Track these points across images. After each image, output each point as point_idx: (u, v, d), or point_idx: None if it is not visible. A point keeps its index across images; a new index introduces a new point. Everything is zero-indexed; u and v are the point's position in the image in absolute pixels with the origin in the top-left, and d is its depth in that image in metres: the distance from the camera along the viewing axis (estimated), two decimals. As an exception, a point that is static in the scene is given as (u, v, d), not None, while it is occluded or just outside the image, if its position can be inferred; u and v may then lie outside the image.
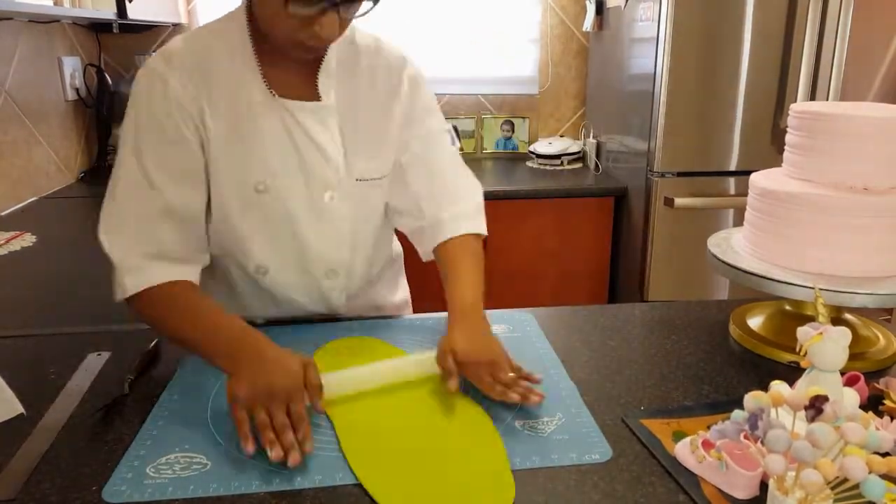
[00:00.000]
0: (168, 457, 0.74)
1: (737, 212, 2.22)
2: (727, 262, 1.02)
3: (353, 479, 0.71)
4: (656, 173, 2.19)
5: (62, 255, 1.54)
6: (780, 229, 0.99)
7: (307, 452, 0.73)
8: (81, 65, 2.42)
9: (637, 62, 2.30)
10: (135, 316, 0.93)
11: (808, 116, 1.00)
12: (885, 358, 0.97)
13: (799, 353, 0.77)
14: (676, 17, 2.05)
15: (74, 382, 0.90)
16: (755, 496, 0.68)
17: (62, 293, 1.29)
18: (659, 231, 2.23)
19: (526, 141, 2.86)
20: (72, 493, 0.69)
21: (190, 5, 2.62)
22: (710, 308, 1.17)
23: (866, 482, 0.57)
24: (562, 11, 2.78)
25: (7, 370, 0.82)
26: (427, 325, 1.10)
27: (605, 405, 0.85)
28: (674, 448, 0.75)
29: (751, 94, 2.14)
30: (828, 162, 0.98)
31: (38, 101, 2.13)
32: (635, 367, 0.96)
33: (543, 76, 2.84)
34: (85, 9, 1.91)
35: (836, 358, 0.76)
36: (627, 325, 1.10)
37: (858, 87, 2.26)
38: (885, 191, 0.96)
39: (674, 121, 2.14)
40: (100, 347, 1.00)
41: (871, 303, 0.90)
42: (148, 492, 0.69)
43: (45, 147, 2.17)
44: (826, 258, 0.96)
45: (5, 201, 1.94)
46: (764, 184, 1.02)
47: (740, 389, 0.85)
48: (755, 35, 2.09)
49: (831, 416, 0.63)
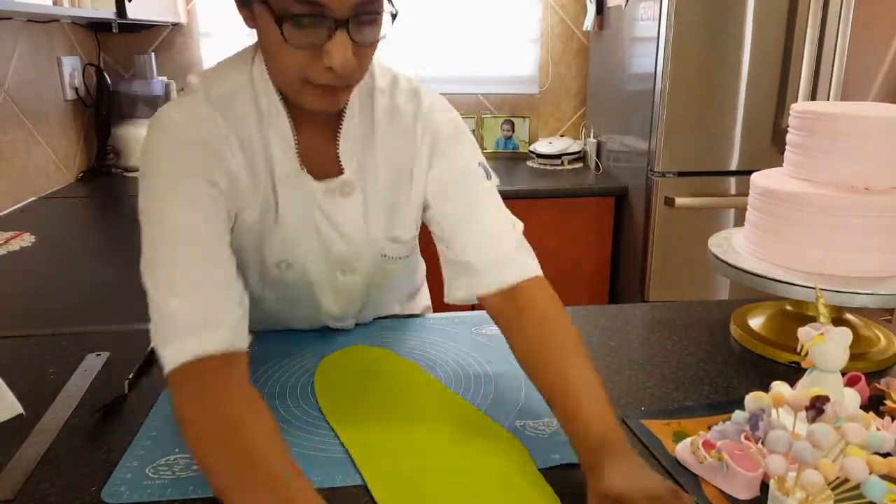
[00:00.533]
0: (168, 458, 0.74)
1: (737, 212, 2.22)
2: (728, 262, 1.02)
3: (353, 480, 0.71)
4: (657, 173, 2.19)
5: (61, 255, 1.54)
6: (780, 229, 0.99)
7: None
8: (81, 64, 2.42)
9: (637, 62, 2.30)
10: (134, 316, 0.92)
11: (809, 116, 1.00)
12: (886, 358, 0.97)
13: (800, 354, 0.77)
14: (677, 17, 2.05)
15: (74, 383, 0.90)
16: (756, 497, 0.67)
17: (62, 293, 1.29)
18: (659, 231, 2.23)
19: (526, 140, 2.86)
20: (71, 494, 0.69)
21: (190, 5, 2.61)
22: (711, 308, 1.17)
23: (867, 483, 0.57)
24: (562, 11, 2.78)
25: (7, 370, 0.83)
26: (437, 326, 1.10)
27: (605, 405, 0.85)
28: (674, 448, 0.75)
29: (751, 94, 2.14)
30: (828, 162, 0.98)
31: (37, 100, 2.13)
32: (636, 367, 0.96)
33: (544, 76, 2.83)
34: (84, 8, 1.91)
35: (837, 358, 0.76)
36: (628, 326, 1.10)
37: (859, 87, 2.25)
38: (885, 191, 0.95)
39: (674, 120, 2.14)
40: (100, 347, 1.00)
41: (871, 303, 0.90)
42: (147, 492, 0.69)
43: (44, 147, 2.16)
44: (827, 258, 0.96)
45: (4, 201, 1.93)
46: (765, 183, 1.02)
47: (741, 390, 0.85)
48: (756, 35, 2.09)
49: (832, 416, 0.63)
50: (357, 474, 0.72)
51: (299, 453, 0.75)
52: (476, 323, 1.09)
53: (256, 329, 0.88)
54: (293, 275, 0.93)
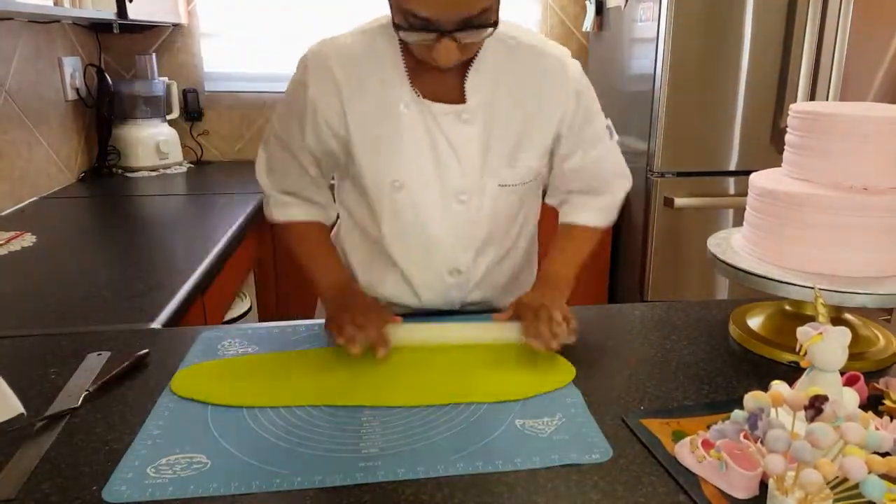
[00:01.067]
0: (169, 457, 0.74)
1: (737, 212, 2.22)
2: (727, 262, 1.02)
3: (353, 480, 0.71)
4: (656, 173, 2.19)
5: (62, 255, 1.55)
6: (779, 229, 0.99)
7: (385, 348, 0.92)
8: (81, 65, 2.42)
9: (637, 62, 2.30)
10: (134, 316, 0.93)
11: (808, 116, 1.00)
12: (885, 358, 0.97)
13: (799, 353, 0.77)
14: (676, 17, 2.05)
15: (74, 383, 0.90)
16: (755, 496, 0.68)
17: (62, 293, 1.29)
18: (659, 231, 2.23)
19: (526, 141, 2.86)
20: (72, 493, 0.69)
21: (190, 5, 2.62)
22: (710, 308, 1.17)
23: (866, 482, 0.57)
24: (562, 11, 2.79)
25: (7, 370, 0.83)
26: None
27: (605, 405, 0.85)
28: (674, 448, 0.75)
29: (751, 94, 2.14)
30: (828, 162, 0.98)
31: (38, 101, 2.13)
32: (635, 367, 0.96)
33: (543, 76, 2.83)
34: (85, 9, 1.91)
35: (835, 358, 0.76)
36: (627, 325, 1.10)
37: (858, 87, 2.26)
38: (885, 191, 0.96)
39: (674, 121, 2.14)
40: (100, 347, 1.00)
41: (870, 303, 0.90)
42: (148, 492, 0.69)
43: (45, 147, 2.17)
44: (826, 258, 0.96)
45: (5, 201, 1.94)
46: (764, 184, 1.02)
47: (740, 389, 0.85)
48: (755, 35, 2.09)
49: (831, 416, 0.63)
50: (357, 474, 0.72)
51: (302, 454, 0.75)
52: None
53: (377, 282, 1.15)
54: (406, 196, 1.03)
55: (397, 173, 1.03)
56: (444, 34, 0.87)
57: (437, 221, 1.05)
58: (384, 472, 0.72)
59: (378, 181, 1.05)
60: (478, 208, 1.06)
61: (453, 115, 1.00)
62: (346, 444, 0.77)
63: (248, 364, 0.96)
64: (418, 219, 1.05)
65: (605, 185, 1.17)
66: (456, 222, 1.06)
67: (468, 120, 1.01)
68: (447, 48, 0.88)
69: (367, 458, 0.74)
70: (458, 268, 1.10)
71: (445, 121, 1.00)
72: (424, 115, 1.00)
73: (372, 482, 0.71)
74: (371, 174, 1.04)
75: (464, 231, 1.07)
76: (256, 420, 0.82)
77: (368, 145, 1.03)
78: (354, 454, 0.75)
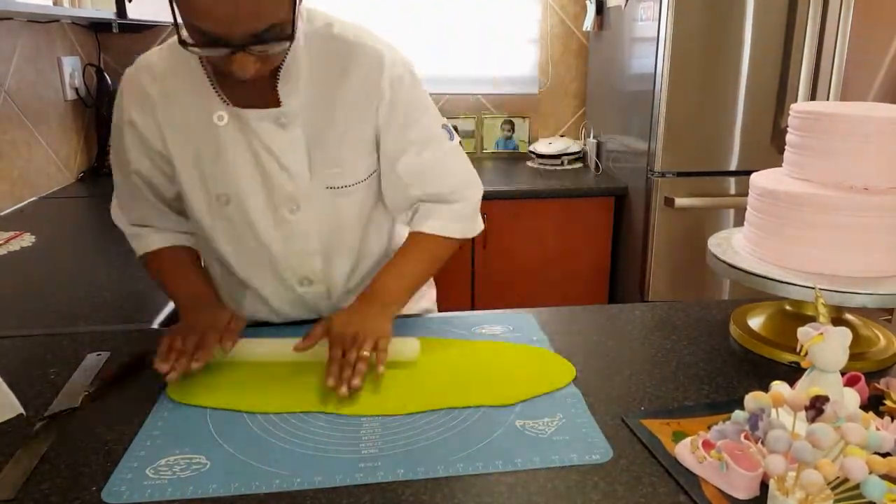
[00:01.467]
0: (168, 458, 0.74)
1: (737, 212, 2.22)
2: (728, 262, 1.02)
3: (352, 480, 0.71)
4: (656, 173, 2.19)
5: (61, 255, 1.54)
6: (780, 229, 0.99)
7: (196, 366, 0.88)
8: (81, 65, 2.42)
9: (637, 62, 2.30)
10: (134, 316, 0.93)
11: (809, 116, 1.00)
12: (886, 358, 0.97)
13: (799, 354, 0.77)
14: (677, 17, 2.05)
15: (74, 382, 0.90)
16: (755, 496, 0.68)
17: (62, 293, 1.29)
18: (659, 231, 2.23)
19: (526, 141, 2.86)
20: (71, 494, 0.69)
21: (190, 5, 2.61)
22: (711, 308, 1.17)
23: (866, 482, 0.57)
24: (562, 11, 2.78)
25: (7, 370, 0.83)
26: (437, 326, 1.10)
27: (605, 405, 0.85)
28: (674, 448, 0.75)
29: (751, 94, 2.14)
30: (828, 162, 0.98)
31: (37, 100, 2.13)
32: (635, 367, 0.96)
33: (543, 76, 2.84)
34: (85, 8, 1.91)
35: (836, 358, 0.76)
36: (627, 326, 1.10)
37: (858, 87, 2.25)
38: (885, 191, 0.96)
39: (674, 121, 2.14)
40: (100, 347, 1.00)
41: (871, 303, 0.90)
42: (147, 493, 0.69)
43: (44, 147, 2.16)
44: (826, 258, 0.96)
45: (5, 201, 1.94)
46: (764, 184, 1.02)
47: (740, 390, 0.85)
48: (755, 35, 2.09)
49: (832, 416, 0.63)
50: (357, 474, 0.72)
51: (301, 454, 0.75)
52: (476, 323, 1.09)
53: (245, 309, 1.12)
54: (235, 210, 1.00)
55: (223, 187, 0.99)
56: (236, 49, 0.81)
57: (271, 233, 1.01)
58: (384, 472, 0.72)
59: (204, 197, 1.00)
60: (312, 214, 1.01)
61: (270, 121, 0.95)
62: (345, 445, 0.77)
63: (245, 368, 0.95)
64: (252, 232, 1.02)
65: (453, 193, 1.07)
66: (291, 231, 1.02)
67: (286, 124, 0.95)
68: (243, 62, 0.83)
69: (367, 459, 0.74)
70: (307, 276, 1.07)
71: (262, 127, 0.95)
72: (241, 125, 0.95)
73: (372, 482, 0.70)
74: (195, 190, 1.00)
75: (301, 240, 1.03)
76: (256, 421, 0.82)
77: (189, 160, 0.99)
78: (354, 455, 0.75)
